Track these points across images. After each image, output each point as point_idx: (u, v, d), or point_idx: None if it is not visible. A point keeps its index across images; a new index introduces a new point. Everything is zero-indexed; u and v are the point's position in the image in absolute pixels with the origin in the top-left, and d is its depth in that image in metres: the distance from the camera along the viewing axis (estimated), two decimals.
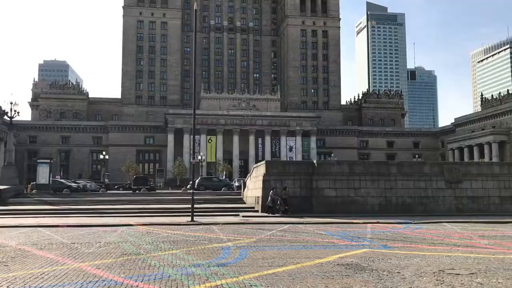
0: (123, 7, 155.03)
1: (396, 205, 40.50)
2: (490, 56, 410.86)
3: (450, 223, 31.47)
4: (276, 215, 37.04)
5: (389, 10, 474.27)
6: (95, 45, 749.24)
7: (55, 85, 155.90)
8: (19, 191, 57.55)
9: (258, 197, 41.62)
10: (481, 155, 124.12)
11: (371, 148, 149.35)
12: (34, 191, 60.33)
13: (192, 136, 44.20)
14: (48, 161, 62.82)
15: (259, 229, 27.07)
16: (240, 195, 53.03)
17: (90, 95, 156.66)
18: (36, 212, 39.62)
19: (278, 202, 37.98)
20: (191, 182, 45.78)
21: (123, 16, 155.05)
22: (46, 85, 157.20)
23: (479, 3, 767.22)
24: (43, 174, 60.06)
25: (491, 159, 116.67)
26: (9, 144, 61.94)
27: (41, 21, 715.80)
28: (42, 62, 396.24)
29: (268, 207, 38.17)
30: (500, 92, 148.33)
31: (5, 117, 56.52)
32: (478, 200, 41.98)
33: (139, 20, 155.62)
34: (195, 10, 41.66)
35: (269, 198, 38.24)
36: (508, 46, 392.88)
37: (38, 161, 63.17)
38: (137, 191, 70.77)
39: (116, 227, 27.87)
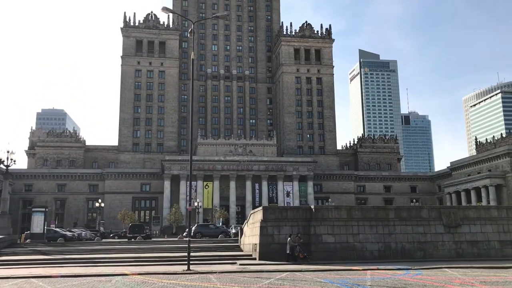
0: (121, 56, 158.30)
1: (395, 250, 39.98)
2: (482, 101, 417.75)
3: (451, 268, 31.01)
4: (295, 262, 36.31)
5: (381, 58, 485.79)
6: (93, 93, 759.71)
7: (52, 133, 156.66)
8: (13, 241, 56.58)
9: (255, 244, 41.05)
10: (479, 198, 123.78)
11: (368, 193, 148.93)
12: (28, 240, 59.34)
13: (188, 183, 44.07)
14: (43, 209, 62.19)
15: (257, 277, 26.57)
16: (237, 242, 52.28)
17: (87, 143, 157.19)
18: (29, 263, 38.83)
19: (297, 249, 37.38)
20: (187, 230, 45.21)
21: (121, 65, 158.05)
22: (43, 134, 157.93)
23: (469, 51, 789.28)
24: (37, 223, 59.30)
25: (488, 202, 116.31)
26: (4, 193, 61.47)
27: (40, 71, 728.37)
28: (40, 111, 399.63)
29: (288, 255, 37.52)
30: (494, 136, 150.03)
31: (1, 165, 56.40)
32: (478, 245, 41.54)
33: (137, 69, 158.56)
34: (192, 59, 42.70)
35: (288, 246, 37.73)
36: (499, 91, 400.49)
37: (33, 209, 62.54)
38: (132, 239, 69.66)
39: (111, 277, 27.30)
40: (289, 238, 37.90)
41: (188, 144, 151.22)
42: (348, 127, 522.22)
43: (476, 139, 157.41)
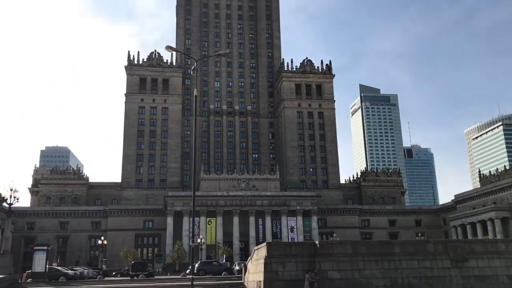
0: (125, 94, 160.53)
1: (402, 286, 39.29)
2: (484, 133, 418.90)
3: None
4: None
5: (381, 92, 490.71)
6: (97, 130, 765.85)
7: (56, 170, 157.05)
8: (14, 280, 55.85)
9: (259, 281, 40.47)
10: (485, 232, 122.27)
11: (373, 227, 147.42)
12: (29, 280, 58.61)
13: (191, 219, 43.83)
14: (45, 248, 61.69)
15: None
16: (241, 280, 51.52)
17: (90, 180, 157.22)
18: None
19: (315, 286, 36.77)
20: (190, 267, 44.70)
21: (125, 102, 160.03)
22: (46, 171, 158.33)
23: (469, 83, 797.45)
24: (39, 262, 58.69)
25: (495, 236, 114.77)
26: (7, 231, 61.13)
27: (45, 109, 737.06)
28: (44, 149, 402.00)
29: None
30: (497, 168, 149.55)
31: (4, 203, 56.35)
32: (486, 280, 40.79)
33: (141, 106, 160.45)
34: (195, 96, 43.41)
35: (306, 282, 37.14)
36: (500, 123, 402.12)
37: (35, 248, 62.05)
38: (135, 277, 68.73)
39: None
40: (307, 275, 37.37)
41: (191, 179, 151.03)
42: (351, 160, 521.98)
43: (479, 171, 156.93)
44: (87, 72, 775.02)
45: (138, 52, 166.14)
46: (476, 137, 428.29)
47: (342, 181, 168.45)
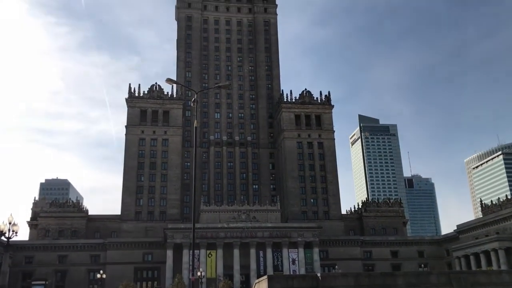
0: (126, 126, 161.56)
1: None
2: (484, 163, 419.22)
3: None
4: None
5: (381, 122, 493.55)
6: (97, 162, 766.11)
7: (55, 203, 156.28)
8: None
9: None
10: (489, 262, 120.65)
11: (376, 259, 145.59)
12: None
13: (191, 251, 43.36)
14: (43, 282, 61.06)
15: None
16: None
17: (90, 212, 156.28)
18: None
19: None
20: None
21: (126, 134, 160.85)
22: (46, 204, 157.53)
23: (468, 113, 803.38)
24: None
25: (499, 267, 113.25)
26: (4, 266, 60.17)
27: (45, 140, 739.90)
28: (43, 181, 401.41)
29: None
30: (499, 198, 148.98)
31: (2, 237, 55.85)
32: None
33: (141, 138, 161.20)
34: (195, 127, 43.76)
35: None
36: (500, 152, 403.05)
37: (33, 283, 61.43)
38: None
39: None
40: None
41: (191, 211, 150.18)
42: (352, 190, 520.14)
43: (481, 201, 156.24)
44: (87, 105, 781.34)
45: (139, 84, 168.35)
46: (477, 166, 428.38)
47: (343, 211, 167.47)
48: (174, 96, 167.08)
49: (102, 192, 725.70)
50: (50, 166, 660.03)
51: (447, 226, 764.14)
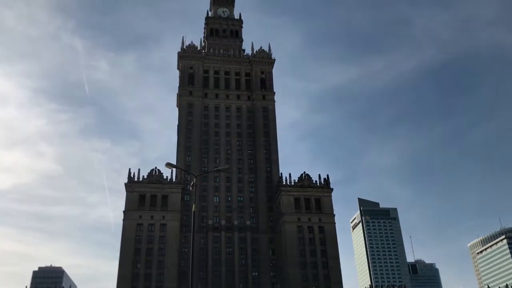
0: (124, 211, 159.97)
1: None
2: (488, 247, 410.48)
3: None
4: None
5: (381, 205, 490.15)
6: (93, 249, 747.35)
7: None
8: None
9: None
10: None
11: None
12: None
13: None
14: None
15: None
16: None
17: None
18: None
19: None
20: None
21: (123, 220, 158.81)
22: None
23: (468, 196, 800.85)
24: None
25: None
26: None
27: (40, 228, 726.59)
28: (37, 269, 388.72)
29: None
30: (507, 284, 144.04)
31: None
32: None
33: (139, 223, 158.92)
34: (194, 212, 43.38)
35: None
36: (504, 236, 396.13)
37: None
38: None
39: None
40: None
41: None
42: (354, 276, 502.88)
43: (488, 287, 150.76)
44: (86, 190, 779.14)
45: (139, 169, 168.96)
46: (481, 251, 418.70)
47: None
48: (174, 180, 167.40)
49: (97, 280, 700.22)
50: (45, 253, 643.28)
51: None
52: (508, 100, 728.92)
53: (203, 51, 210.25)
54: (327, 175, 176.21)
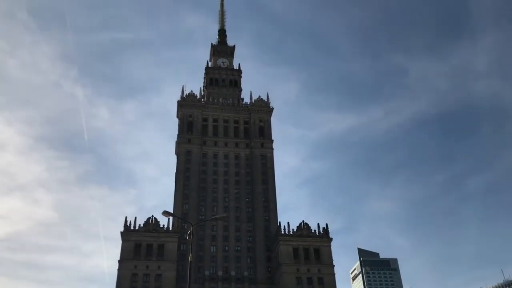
0: (119, 261, 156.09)
1: None
2: None
3: None
4: None
5: (381, 256, 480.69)
6: None
7: None
8: None
9: None
10: None
11: None
12: None
13: None
14: None
15: None
16: None
17: None
18: None
19: None
20: None
21: (118, 269, 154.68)
22: None
23: (469, 246, 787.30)
24: None
25: None
26: None
27: (33, 277, 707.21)
28: None
29: None
30: None
31: None
32: None
33: (134, 273, 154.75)
34: (190, 261, 42.19)
35: None
36: None
37: None
38: None
39: None
40: None
41: None
42: None
43: None
44: (82, 238, 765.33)
45: (135, 217, 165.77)
46: None
47: None
48: (170, 229, 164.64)
49: None
50: None
51: None
52: (505, 149, 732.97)
53: (202, 99, 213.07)
54: (326, 224, 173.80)
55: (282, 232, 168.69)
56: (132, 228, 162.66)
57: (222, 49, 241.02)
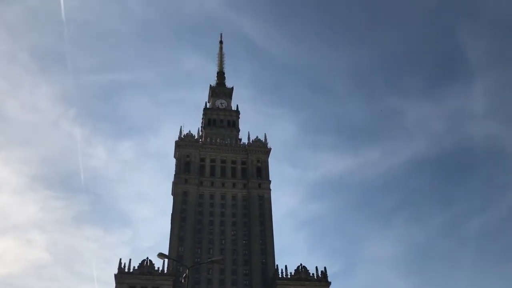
0: None
1: None
2: None
3: None
4: None
5: None
6: None
7: None
8: None
9: None
10: None
11: None
12: None
13: None
14: None
15: None
16: None
17: None
18: None
19: None
20: None
21: None
22: None
23: None
24: None
25: None
26: None
27: None
28: None
29: None
30: None
31: None
32: None
33: None
34: None
35: None
36: None
37: None
38: None
39: None
40: None
41: None
42: None
43: None
44: (75, 280, 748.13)
45: (130, 259, 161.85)
46: None
47: None
48: (165, 271, 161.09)
49: None
50: None
51: None
52: (503, 191, 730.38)
53: (200, 140, 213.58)
54: (325, 268, 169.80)
55: (280, 276, 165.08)
56: (126, 270, 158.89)
57: (220, 90, 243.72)
